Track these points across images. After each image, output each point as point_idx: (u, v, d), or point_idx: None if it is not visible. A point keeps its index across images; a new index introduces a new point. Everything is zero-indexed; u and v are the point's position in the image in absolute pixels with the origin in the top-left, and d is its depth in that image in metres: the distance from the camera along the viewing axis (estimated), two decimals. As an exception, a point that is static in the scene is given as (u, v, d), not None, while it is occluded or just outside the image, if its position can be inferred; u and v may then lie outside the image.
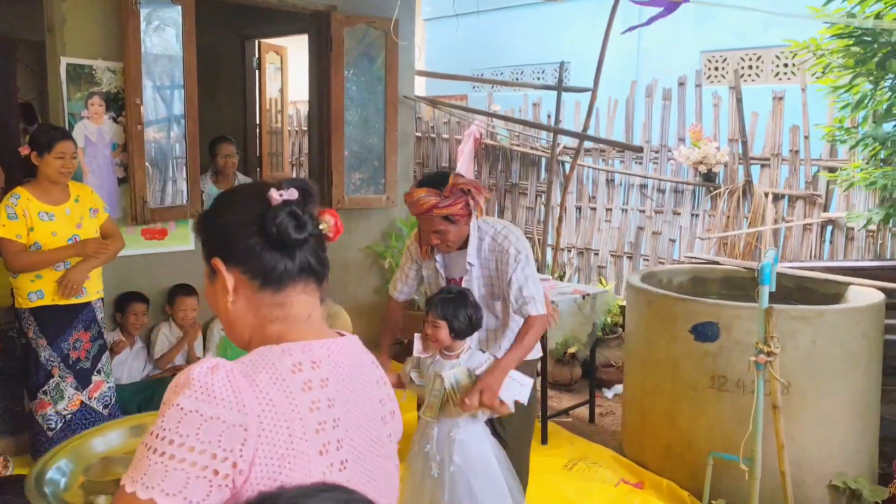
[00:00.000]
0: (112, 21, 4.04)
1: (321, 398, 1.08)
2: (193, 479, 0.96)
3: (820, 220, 4.90)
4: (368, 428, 1.17)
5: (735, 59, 7.14)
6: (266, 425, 1.00)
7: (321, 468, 1.04)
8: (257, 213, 1.13)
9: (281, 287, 1.16)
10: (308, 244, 1.16)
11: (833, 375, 3.48)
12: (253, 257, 1.15)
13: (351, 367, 1.17)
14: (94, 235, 3.53)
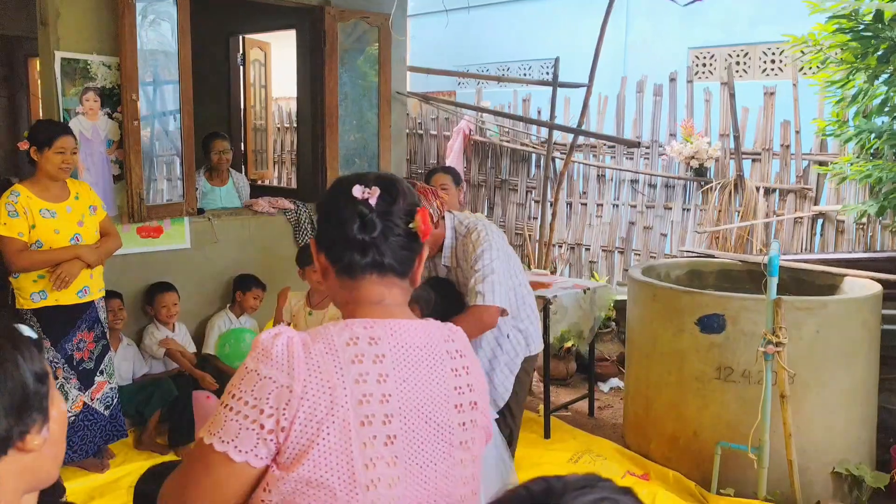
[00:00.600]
0: (107, 15, 3.95)
1: (371, 371, 1.13)
2: (244, 431, 1.08)
3: (811, 213, 4.99)
4: (432, 411, 1.18)
5: (723, 55, 7.24)
6: (310, 390, 1.09)
7: (362, 438, 1.10)
8: (341, 207, 1.22)
9: (354, 276, 1.23)
10: (381, 242, 1.21)
11: (835, 365, 3.55)
12: (332, 246, 1.24)
13: (419, 348, 1.20)
14: (95, 234, 3.47)
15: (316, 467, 1.08)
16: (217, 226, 4.66)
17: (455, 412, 1.22)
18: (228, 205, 4.92)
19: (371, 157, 5.47)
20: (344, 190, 1.22)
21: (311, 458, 1.08)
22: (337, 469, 1.09)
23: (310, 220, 5.09)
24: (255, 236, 4.89)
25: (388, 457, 1.12)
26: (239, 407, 1.09)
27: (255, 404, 1.08)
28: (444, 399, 1.21)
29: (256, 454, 1.08)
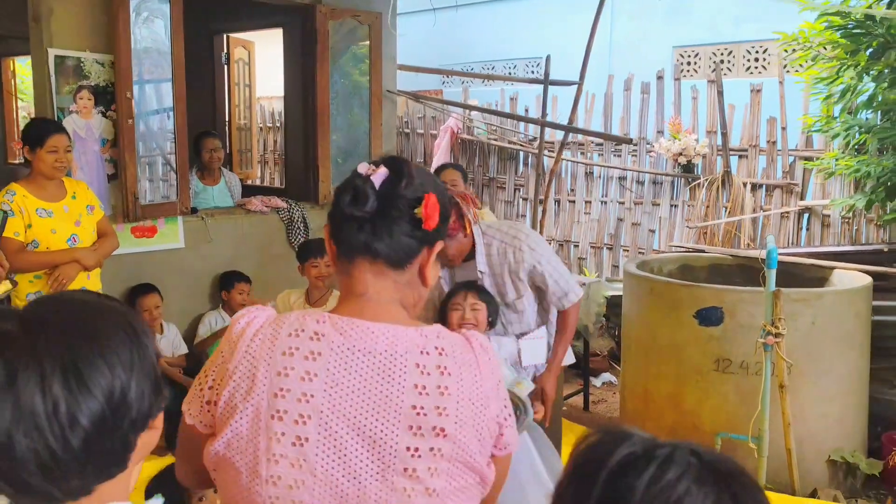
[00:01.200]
0: (100, 11, 3.91)
1: (297, 367, 1.08)
2: (194, 397, 1.15)
3: (797, 208, 5.09)
4: (369, 424, 1.07)
5: (707, 53, 7.35)
6: (237, 372, 1.10)
7: (271, 431, 1.07)
8: (344, 185, 1.18)
9: (346, 256, 1.17)
10: (378, 222, 1.14)
11: (830, 355, 3.63)
12: (334, 225, 1.19)
13: (374, 354, 1.09)
14: (92, 234, 3.42)
15: (227, 447, 1.09)
16: (211, 225, 4.62)
17: (406, 433, 1.07)
18: (221, 204, 4.88)
19: (362, 156, 5.45)
20: (354, 170, 1.18)
21: (225, 437, 1.09)
22: (244, 454, 1.09)
23: (302, 218, 5.07)
24: (249, 235, 4.86)
25: (295, 457, 1.07)
26: (200, 375, 1.17)
27: (207, 373, 1.15)
28: (391, 415, 1.07)
29: (201, 421, 1.14)
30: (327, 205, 5.25)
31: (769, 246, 3.35)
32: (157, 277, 4.32)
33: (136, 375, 0.86)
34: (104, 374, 0.82)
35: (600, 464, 0.74)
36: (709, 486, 0.72)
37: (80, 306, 0.89)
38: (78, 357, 0.82)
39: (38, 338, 0.82)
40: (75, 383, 0.81)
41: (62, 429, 0.80)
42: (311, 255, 3.32)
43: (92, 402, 0.81)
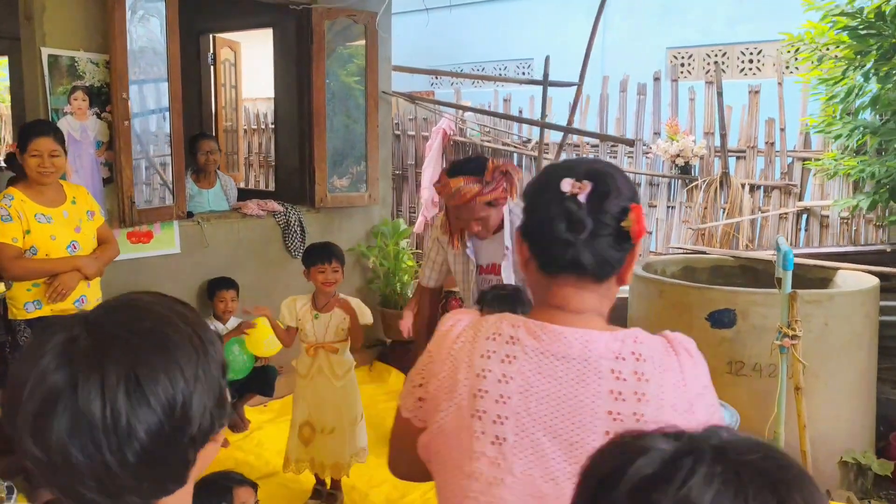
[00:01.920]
0: (95, 9, 3.78)
1: (494, 370, 1.12)
2: (408, 394, 1.24)
3: (796, 208, 5.10)
4: (565, 428, 1.09)
5: (701, 55, 7.37)
6: (442, 372, 1.17)
7: (472, 430, 1.12)
8: (547, 200, 1.14)
9: (550, 272, 1.17)
10: (587, 242, 1.13)
11: (841, 356, 3.63)
12: (534, 240, 1.19)
13: (569, 360, 1.11)
14: (93, 240, 3.29)
15: (435, 440, 1.18)
16: (207, 229, 4.51)
17: (603, 438, 1.06)
18: (216, 208, 4.76)
19: (358, 157, 5.37)
20: (552, 182, 1.14)
21: (433, 430, 1.18)
22: (450, 449, 1.15)
23: (299, 222, 4.97)
24: (245, 240, 4.75)
25: (493, 456, 1.11)
26: (412, 373, 1.26)
27: (418, 371, 1.24)
28: (586, 419, 1.09)
29: (415, 415, 1.22)
30: (324, 208, 5.16)
31: (784, 248, 3.34)
32: (153, 285, 4.19)
33: (199, 389, 0.83)
34: (165, 387, 0.80)
35: (617, 482, 0.66)
36: (745, 491, 0.63)
37: (148, 314, 0.86)
38: (140, 367, 0.79)
39: (103, 345, 0.80)
40: (135, 395, 0.78)
41: (119, 441, 0.77)
42: (317, 261, 3.23)
43: (150, 414, 0.79)
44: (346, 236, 5.36)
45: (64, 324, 0.83)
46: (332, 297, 3.34)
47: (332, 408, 3.15)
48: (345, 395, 3.19)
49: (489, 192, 2.62)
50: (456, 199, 2.64)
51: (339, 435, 3.14)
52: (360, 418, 3.27)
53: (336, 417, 3.14)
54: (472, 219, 2.70)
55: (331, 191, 5.21)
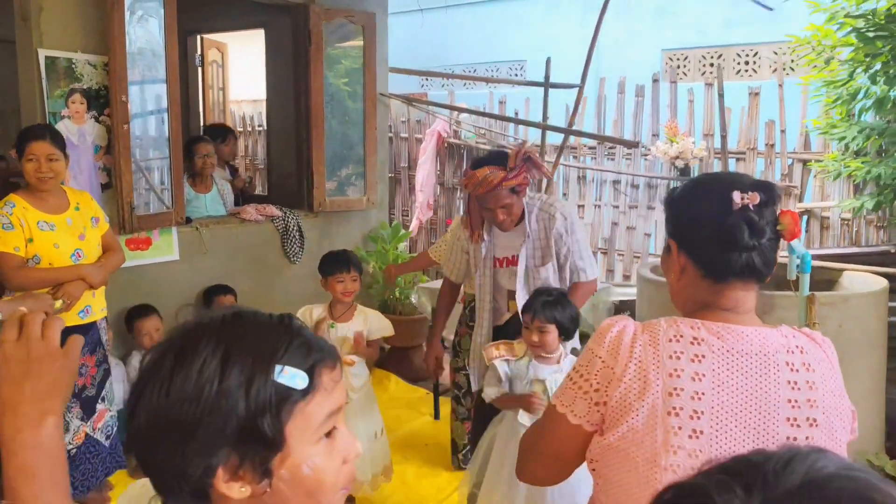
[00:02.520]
0: (92, 10, 3.66)
1: (686, 369, 1.21)
2: (578, 399, 1.27)
3: (797, 209, 5.11)
4: (753, 418, 1.21)
5: (696, 56, 7.38)
6: (627, 374, 1.22)
7: (668, 426, 1.19)
8: (717, 211, 1.24)
9: (721, 279, 1.27)
10: (759, 247, 1.25)
11: (855, 357, 3.61)
12: (703, 250, 1.28)
13: (749, 355, 1.22)
14: (97, 248, 3.17)
15: (622, 440, 1.21)
16: (205, 235, 4.39)
17: (785, 424, 1.21)
18: (214, 212, 4.65)
19: (357, 160, 5.29)
20: (718, 193, 1.24)
21: (620, 430, 1.22)
22: (640, 446, 1.20)
23: (297, 227, 4.87)
24: (244, 245, 4.64)
25: (692, 448, 1.19)
26: (576, 379, 1.29)
27: (588, 378, 1.27)
28: (771, 409, 1.21)
29: (588, 420, 1.26)
30: (322, 212, 5.07)
31: (800, 251, 3.32)
32: (152, 292, 4.08)
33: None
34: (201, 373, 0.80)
35: None
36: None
37: (266, 318, 0.88)
38: (232, 343, 0.82)
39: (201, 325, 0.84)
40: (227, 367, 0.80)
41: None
42: (335, 270, 3.14)
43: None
44: (344, 241, 5.27)
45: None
46: (351, 306, 3.25)
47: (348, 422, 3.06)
48: (362, 409, 3.10)
49: (514, 178, 2.76)
50: (483, 186, 2.76)
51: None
52: (380, 433, 3.17)
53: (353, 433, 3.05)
54: (498, 206, 2.80)
55: (329, 195, 5.12)
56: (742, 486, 0.58)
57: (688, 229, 1.30)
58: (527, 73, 8.11)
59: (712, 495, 0.59)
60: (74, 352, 0.93)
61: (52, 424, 0.87)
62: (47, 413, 0.87)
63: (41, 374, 0.88)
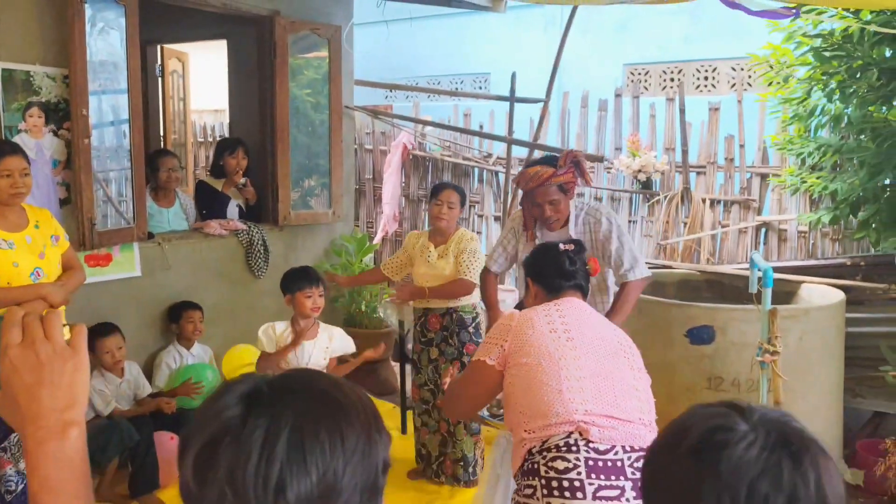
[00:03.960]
0: (52, 22, 3.57)
1: (554, 315, 2.12)
2: (493, 348, 2.10)
3: (755, 223, 5.23)
4: (601, 336, 2.11)
5: (657, 71, 7.50)
6: (519, 325, 2.09)
7: (552, 336, 2.04)
8: (555, 258, 2.31)
9: (558, 295, 2.25)
10: (578, 272, 2.31)
11: (816, 368, 3.72)
12: (546, 280, 2.30)
13: (585, 311, 2.22)
14: (58, 267, 3.08)
15: (528, 356, 2.00)
16: (168, 251, 4.31)
17: (612, 335, 2.15)
18: (176, 227, 4.56)
19: (323, 172, 5.25)
20: (553, 247, 2.36)
21: (527, 351, 2.01)
22: (542, 352, 1.99)
23: (262, 241, 4.80)
24: (207, 260, 4.56)
25: (570, 346, 2.01)
26: (489, 339, 2.15)
27: (497, 334, 2.13)
28: (604, 329, 2.17)
29: (498, 362, 2.07)
30: (287, 226, 5.01)
31: (763, 265, 3.40)
32: (113, 310, 3.98)
33: (353, 466, 0.79)
34: (323, 448, 0.77)
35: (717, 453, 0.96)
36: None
37: (329, 380, 0.87)
38: (307, 421, 0.78)
39: (280, 395, 0.81)
40: (294, 446, 0.76)
41: (265, 493, 0.75)
42: (304, 285, 3.10)
43: (303, 475, 0.76)
44: (309, 254, 5.23)
45: (249, 379, 0.85)
46: (315, 323, 3.22)
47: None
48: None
49: (562, 175, 3.02)
50: (534, 181, 3.03)
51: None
52: None
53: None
54: (546, 201, 3.04)
55: (295, 207, 5.07)
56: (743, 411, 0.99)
57: (539, 269, 2.32)
58: (490, 86, 8.16)
59: (732, 409, 0.99)
60: (82, 345, 0.91)
61: (76, 436, 0.85)
62: (70, 424, 0.85)
63: (55, 378, 0.86)
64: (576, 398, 1.86)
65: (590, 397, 1.87)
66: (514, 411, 1.96)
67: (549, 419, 1.86)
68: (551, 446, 1.81)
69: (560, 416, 1.84)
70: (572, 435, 1.81)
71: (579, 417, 1.83)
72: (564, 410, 1.85)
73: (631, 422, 1.89)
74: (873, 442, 3.90)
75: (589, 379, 1.91)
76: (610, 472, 1.78)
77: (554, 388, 1.88)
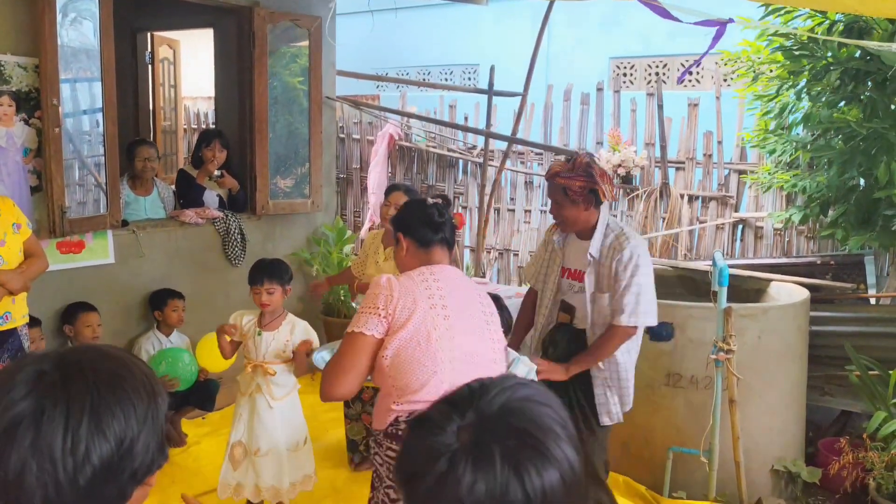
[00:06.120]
0: (22, 11, 3.62)
1: (433, 287, 2.19)
2: (371, 318, 2.12)
3: (732, 219, 5.24)
4: (468, 303, 2.28)
5: (643, 65, 7.47)
6: (402, 297, 2.12)
7: (432, 315, 2.13)
8: (424, 211, 2.35)
9: (429, 248, 2.32)
10: (445, 226, 2.34)
11: (775, 367, 3.74)
12: (417, 232, 2.33)
13: (459, 279, 2.34)
14: (19, 254, 3.14)
15: (408, 332, 2.09)
16: (143, 238, 4.37)
17: (479, 307, 2.31)
18: (153, 215, 4.62)
19: (302, 162, 5.29)
20: (421, 201, 2.44)
21: (408, 328, 2.09)
22: (421, 331, 2.10)
23: (239, 230, 4.86)
24: (183, 249, 4.62)
25: (446, 325, 2.14)
26: (365, 309, 2.13)
27: (375, 305, 2.12)
28: (474, 300, 2.31)
29: (380, 332, 2.11)
30: (265, 215, 5.06)
31: (720, 264, 3.41)
32: (87, 296, 4.06)
33: (146, 430, 0.95)
34: (120, 422, 0.92)
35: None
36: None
37: (110, 358, 0.98)
38: (101, 403, 0.92)
39: (69, 380, 0.92)
40: (95, 426, 0.90)
41: (74, 465, 0.89)
42: (252, 282, 3.13)
43: (105, 444, 0.90)
44: (288, 243, 5.28)
45: (34, 358, 0.96)
46: (280, 315, 3.24)
47: (267, 429, 3.06)
48: (284, 419, 3.11)
49: (565, 178, 2.80)
50: (548, 173, 2.90)
51: (274, 458, 3.05)
52: (303, 443, 3.19)
53: (270, 440, 3.06)
54: (551, 198, 2.91)
55: (273, 196, 5.12)
56: (459, 412, 0.92)
57: (408, 222, 2.34)
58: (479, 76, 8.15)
59: (438, 421, 0.92)
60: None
61: None
62: None
63: None
64: (446, 379, 2.07)
65: (459, 377, 1.94)
66: (387, 382, 2.12)
67: (420, 396, 2.06)
68: None
69: (431, 394, 2.04)
70: None
71: None
72: (436, 390, 2.05)
73: None
74: (834, 440, 3.93)
75: (460, 360, 2.12)
76: None
77: (430, 370, 2.07)
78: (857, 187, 4.07)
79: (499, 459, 0.87)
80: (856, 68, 3.55)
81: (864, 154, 3.70)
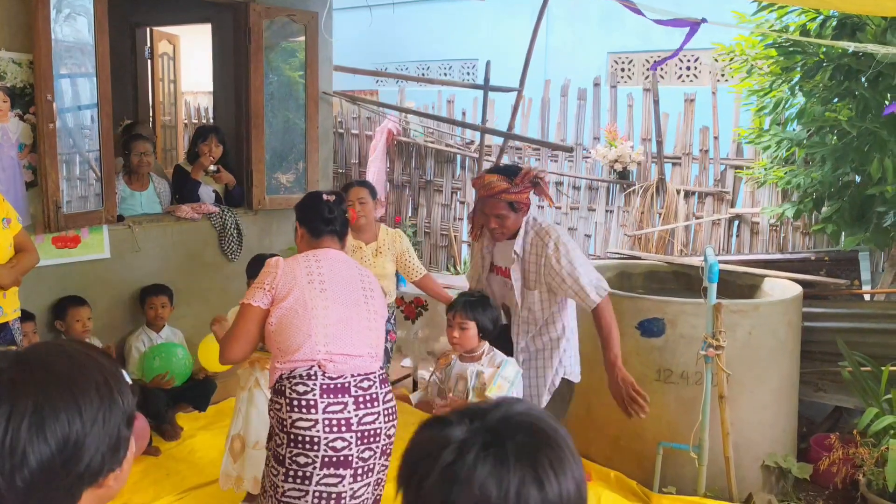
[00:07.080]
0: (16, 7, 3.64)
1: (313, 267, 2.47)
2: (259, 292, 2.42)
3: (728, 215, 5.23)
4: (348, 280, 2.52)
5: (641, 60, 7.46)
6: (285, 273, 2.42)
7: (311, 288, 2.42)
8: (317, 205, 2.61)
9: (319, 238, 2.59)
10: (336, 220, 2.60)
11: (766, 363, 3.74)
12: (310, 223, 2.61)
13: (341, 261, 2.57)
14: (9, 249, 3.16)
15: (288, 303, 2.38)
16: (138, 233, 4.39)
17: (359, 283, 2.55)
18: (149, 210, 4.64)
19: (298, 158, 5.30)
20: (318, 196, 2.65)
21: (288, 300, 2.39)
22: (300, 301, 2.39)
23: (236, 225, 4.88)
24: (179, 243, 4.64)
25: (322, 297, 2.42)
26: (258, 284, 2.44)
27: (263, 281, 2.44)
28: (353, 277, 2.55)
29: (265, 303, 2.41)
30: (262, 210, 5.08)
31: (710, 260, 3.42)
32: (81, 290, 4.08)
33: (95, 432, 0.93)
34: (63, 425, 0.90)
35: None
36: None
37: (66, 358, 0.96)
38: (46, 404, 0.90)
39: (19, 380, 0.91)
40: (35, 427, 0.88)
41: (12, 466, 0.87)
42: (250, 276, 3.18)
43: (44, 446, 0.89)
44: (284, 238, 5.30)
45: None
46: None
47: (262, 422, 3.10)
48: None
49: (514, 193, 2.89)
50: (486, 189, 2.93)
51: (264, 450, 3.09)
52: None
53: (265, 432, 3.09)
54: (493, 214, 2.94)
55: (270, 191, 5.13)
56: (469, 416, 0.92)
57: (304, 214, 2.62)
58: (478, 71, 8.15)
59: (447, 419, 0.93)
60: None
61: None
62: None
63: None
64: (320, 341, 2.36)
65: (332, 340, 2.38)
66: (272, 345, 2.43)
67: (297, 356, 2.35)
68: (296, 375, 2.34)
69: (307, 354, 2.35)
70: (313, 368, 2.34)
71: (321, 357, 2.35)
72: (311, 351, 2.35)
73: (360, 356, 2.41)
74: (826, 436, 3.93)
75: (333, 325, 2.39)
76: (337, 392, 2.33)
77: (304, 333, 2.36)
78: (851, 183, 4.06)
79: (511, 455, 0.86)
80: (848, 65, 3.54)
81: (856, 151, 3.69)
